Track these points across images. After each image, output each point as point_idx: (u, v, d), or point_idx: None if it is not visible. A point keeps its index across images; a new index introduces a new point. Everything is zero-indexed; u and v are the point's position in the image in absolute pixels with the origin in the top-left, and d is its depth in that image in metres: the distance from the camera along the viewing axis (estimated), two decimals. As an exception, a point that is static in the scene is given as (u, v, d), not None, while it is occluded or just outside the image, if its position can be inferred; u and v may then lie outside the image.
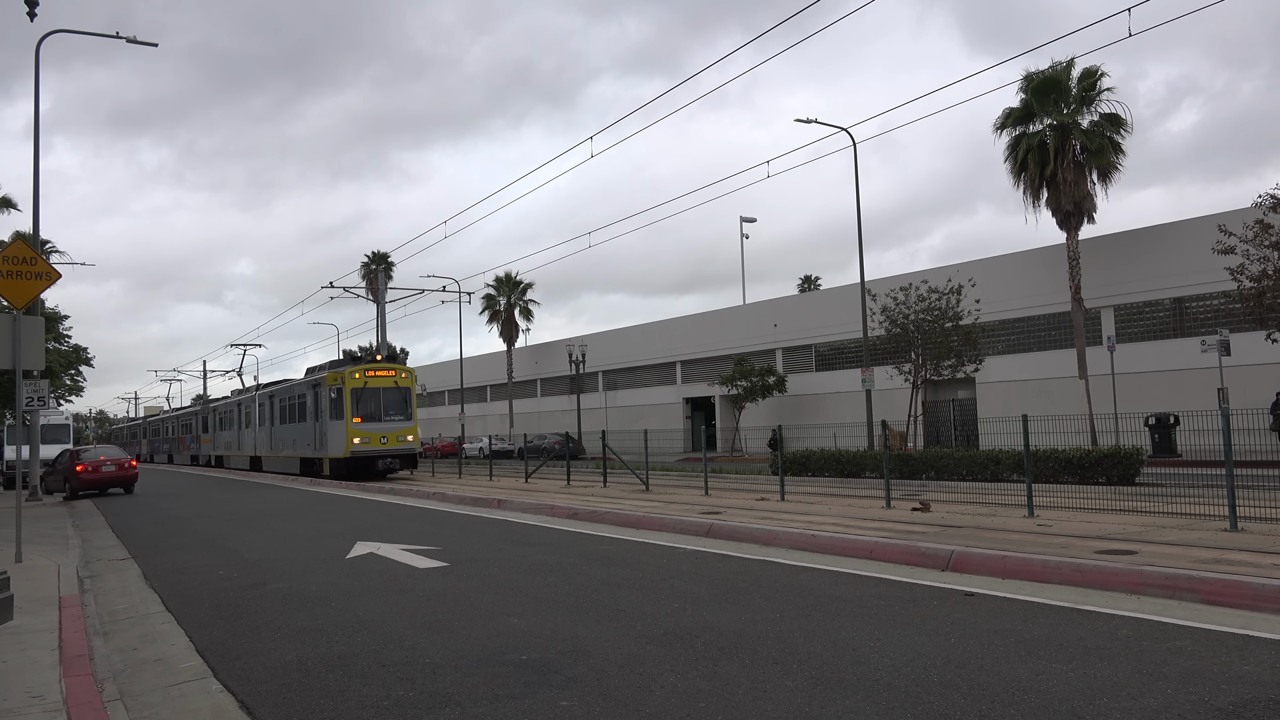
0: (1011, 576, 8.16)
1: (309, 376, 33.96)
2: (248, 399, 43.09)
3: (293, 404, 35.04)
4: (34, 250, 12.75)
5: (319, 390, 31.51)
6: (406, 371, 31.34)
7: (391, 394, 30.28)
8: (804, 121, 31.69)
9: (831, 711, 4.74)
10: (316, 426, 31.65)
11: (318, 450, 31.34)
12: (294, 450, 34.49)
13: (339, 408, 29.74)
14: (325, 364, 33.50)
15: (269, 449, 38.43)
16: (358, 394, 29.60)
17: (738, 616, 7.05)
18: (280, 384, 40.59)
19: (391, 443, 29.70)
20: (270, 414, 38.43)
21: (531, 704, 5.04)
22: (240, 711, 5.29)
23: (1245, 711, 4.52)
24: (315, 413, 31.85)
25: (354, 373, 29.78)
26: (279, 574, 10.26)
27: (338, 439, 29.79)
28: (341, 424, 29.52)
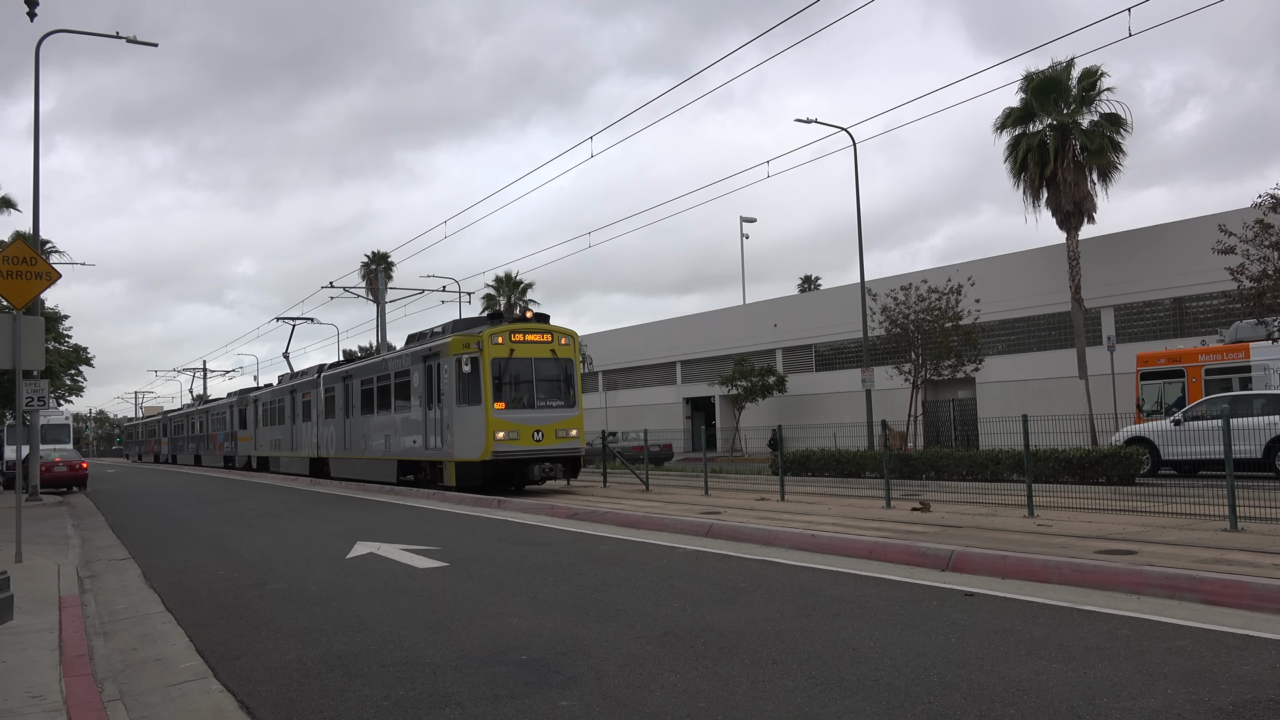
0: (1011, 576, 8.16)
1: (416, 345, 24.54)
2: (305, 384, 33.91)
3: (385, 386, 25.76)
4: (34, 250, 12.75)
5: (437, 363, 22.30)
6: (567, 336, 21.77)
7: (547, 368, 21.39)
8: (804, 121, 31.71)
9: (831, 711, 4.74)
10: (431, 416, 22.60)
11: (432, 450, 22.41)
12: (388, 450, 25.48)
13: (472, 387, 20.76)
14: (444, 325, 23.95)
15: (342, 448, 29.26)
16: (500, 367, 20.69)
17: (738, 616, 7.05)
18: (357, 361, 31.19)
19: (549, 439, 20.85)
20: (345, 402, 29.18)
21: (531, 704, 5.04)
22: (240, 711, 5.29)
23: (1245, 711, 4.52)
24: (429, 396, 22.69)
25: (494, 335, 20.77)
26: (279, 574, 10.26)
27: (470, 433, 20.72)
28: (477, 411, 20.53)
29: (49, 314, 30.26)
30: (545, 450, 20.72)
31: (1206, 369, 22.92)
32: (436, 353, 22.37)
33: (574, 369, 21.79)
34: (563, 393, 21.46)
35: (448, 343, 21.70)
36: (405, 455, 24.23)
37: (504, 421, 20.35)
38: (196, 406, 59.22)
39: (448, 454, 21.42)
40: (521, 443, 20.42)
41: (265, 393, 40.69)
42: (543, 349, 21.27)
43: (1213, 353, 23.40)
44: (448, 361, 21.46)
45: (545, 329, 21.46)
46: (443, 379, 21.74)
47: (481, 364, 20.51)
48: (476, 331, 21.15)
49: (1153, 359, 24.62)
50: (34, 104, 23.23)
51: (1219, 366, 22.83)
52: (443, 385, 21.72)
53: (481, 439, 20.33)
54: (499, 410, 20.42)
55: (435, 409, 22.23)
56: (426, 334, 24.69)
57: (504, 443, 20.22)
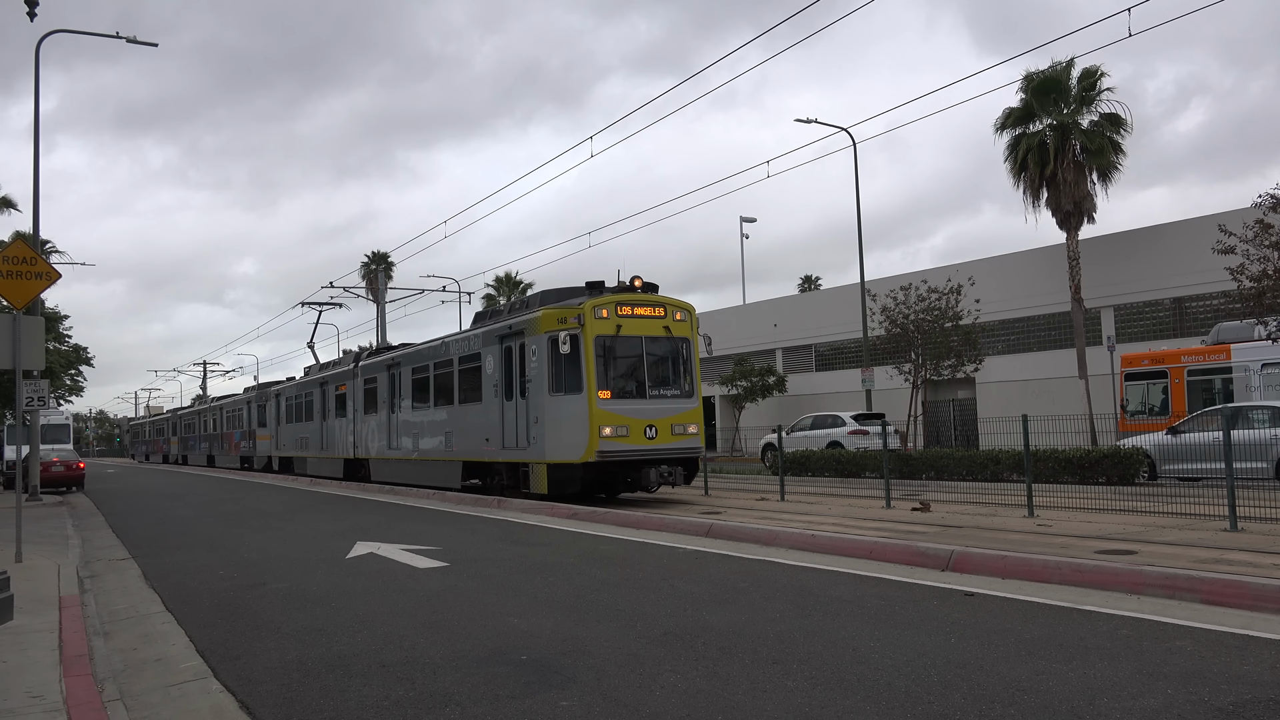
0: (1011, 576, 8.16)
1: (488, 323, 20.41)
2: (338, 375, 30.06)
3: (446, 374, 21.91)
4: (34, 250, 12.75)
5: (519, 344, 18.32)
6: (682, 310, 18.11)
7: (661, 347, 17.67)
8: (804, 121, 31.77)
9: (831, 711, 4.74)
10: (509, 409, 18.48)
11: (511, 449, 18.45)
12: (449, 450, 21.54)
13: (570, 371, 16.97)
14: (523, 298, 20.91)
15: (387, 447, 25.42)
16: (606, 346, 17.02)
17: (738, 616, 7.05)
18: (406, 347, 26.32)
19: (663, 436, 17.11)
20: (391, 394, 25.41)
21: (531, 704, 5.04)
22: (240, 711, 5.29)
23: (1245, 711, 4.52)
24: (507, 384, 18.73)
25: (598, 307, 17.09)
26: (279, 574, 10.26)
27: (568, 429, 16.90)
28: (577, 402, 16.78)
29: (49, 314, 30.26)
30: (661, 450, 17.04)
31: (1189, 370, 23.01)
32: (518, 330, 18.36)
33: (691, 350, 18.08)
34: (679, 379, 17.82)
35: (535, 318, 17.74)
36: (473, 456, 20.41)
37: (611, 414, 16.66)
38: (209, 403, 54.93)
39: (535, 454, 17.48)
40: (631, 440, 16.76)
41: (289, 386, 36.57)
42: (654, 325, 17.58)
43: (1194, 354, 23.50)
44: (536, 341, 17.59)
45: (657, 300, 17.77)
46: (528, 363, 17.87)
47: (583, 343, 16.69)
48: (575, 303, 17.30)
49: (1136, 360, 24.71)
50: (34, 104, 23.27)
51: (1201, 368, 22.92)
52: (529, 370, 17.84)
53: (582, 435, 16.58)
54: (604, 400, 16.66)
55: (516, 400, 18.32)
56: (501, 309, 21.36)
57: (611, 440, 16.59)
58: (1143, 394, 24.00)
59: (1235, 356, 22.21)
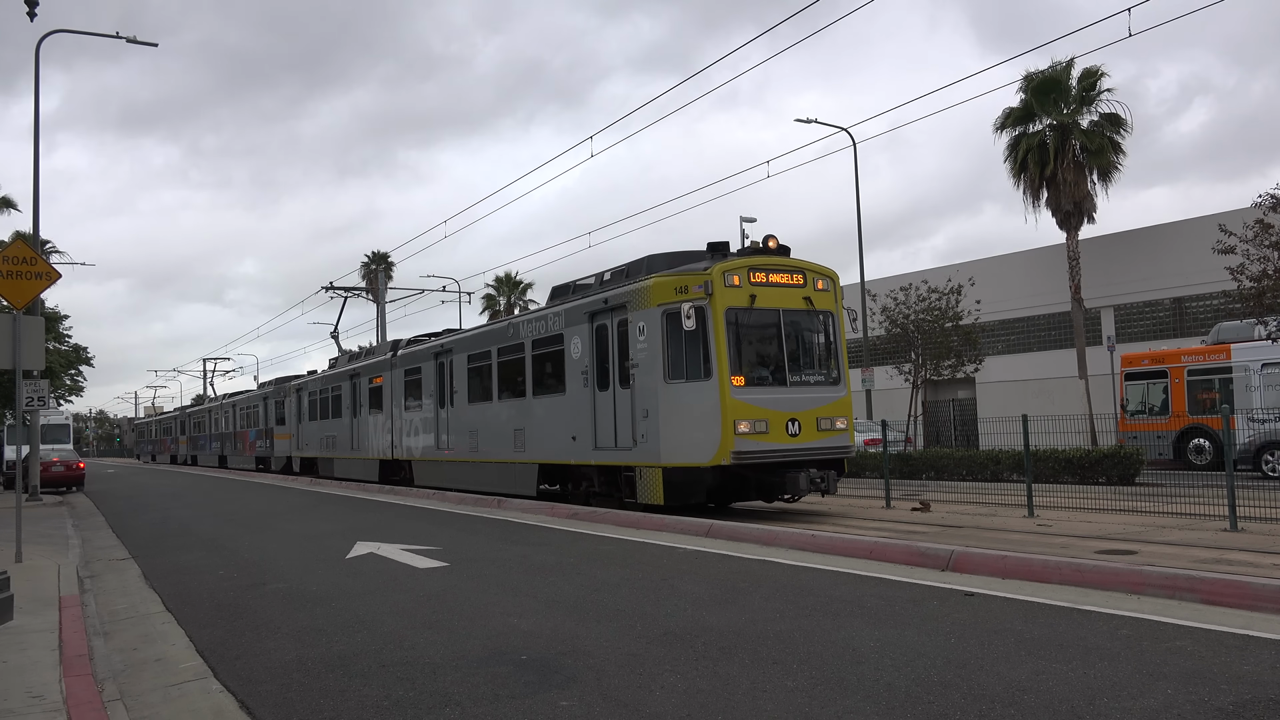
0: (1011, 576, 8.16)
1: (573, 298, 17.15)
2: (372, 366, 26.78)
3: (516, 361, 18.53)
4: (34, 250, 12.76)
5: (619, 320, 15.28)
6: (825, 278, 14.99)
7: (802, 323, 14.69)
8: (804, 121, 31.78)
9: (831, 711, 4.74)
10: (606, 402, 15.43)
11: (609, 449, 15.34)
12: (522, 450, 18.17)
13: (693, 352, 13.98)
14: (622, 269, 16.36)
15: (436, 447, 22.24)
16: (737, 321, 14.02)
17: (738, 616, 7.05)
18: (456, 333, 23.49)
19: (808, 433, 13.97)
20: (440, 386, 22.06)
21: (531, 704, 5.04)
22: (240, 711, 5.29)
23: (1245, 711, 4.52)
24: (600, 371, 15.67)
25: (728, 272, 14.04)
26: (279, 574, 10.26)
27: (692, 423, 13.88)
28: (705, 390, 13.74)
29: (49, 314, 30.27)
30: (806, 449, 13.91)
31: (1189, 370, 23.05)
32: (618, 304, 15.21)
33: (836, 326, 14.98)
34: (823, 362, 14.85)
35: (644, 288, 14.63)
36: (552, 458, 17.21)
37: (749, 405, 13.53)
38: (221, 400, 51.47)
39: (644, 456, 14.34)
40: (772, 438, 13.61)
41: (313, 380, 33.52)
42: (794, 295, 14.50)
43: (1195, 354, 23.53)
44: (644, 316, 14.51)
45: (796, 265, 14.72)
46: (633, 343, 14.74)
47: (711, 316, 13.66)
48: (699, 268, 14.19)
49: (1136, 360, 24.75)
50: (34, 104, 23.29)
51: (1201, 367, 22.96)
52: (634, 352, 14.68)
53: (712, 432, 13.47)
54: (739, 388, 13.56)
55: (613, 389, 15.21)
56: (592, 282, 17.11)
57: (749, 438, 13.43)
58: (1143, 394, 24.04)
59: (1235, 356, 22.23)
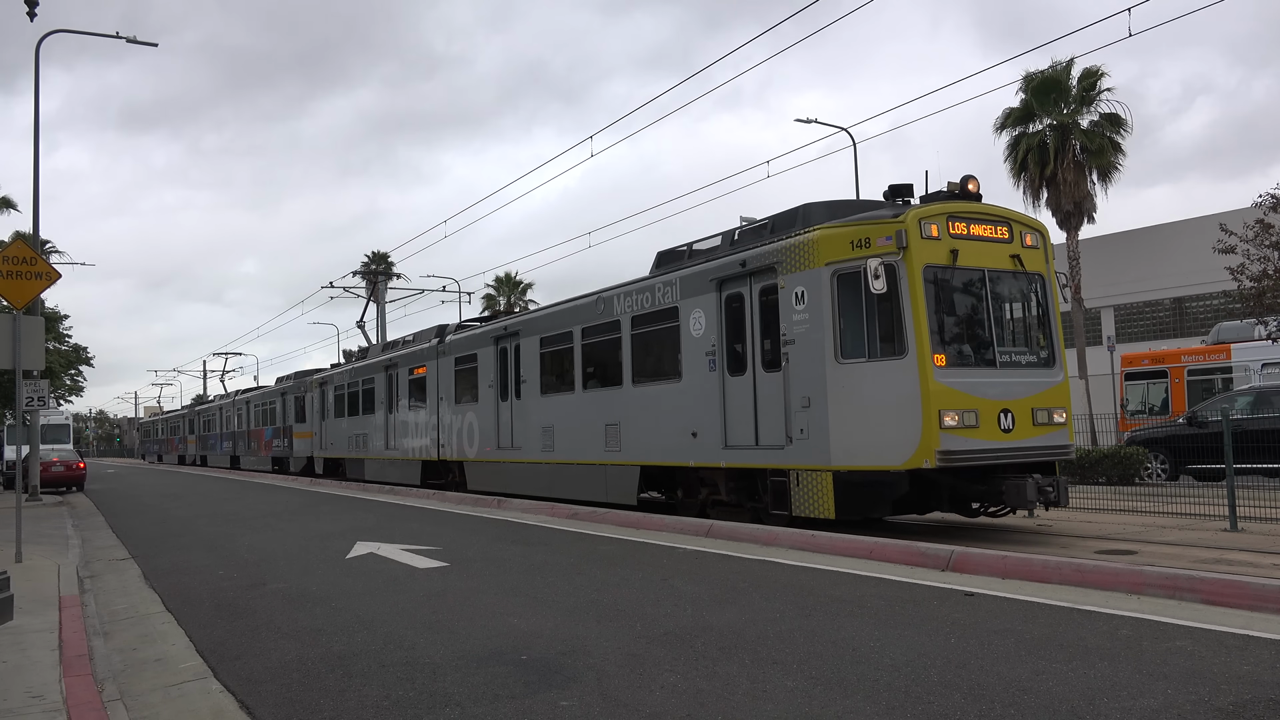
0: (1011, 576, 8.16)
1: (690, 263, 14.15)
2: (412, 355, 24.24)
3: (609, 343, 15.83)
4: (34, 250, 12.76)
5: (762, 286, 12.46)
6: (1033, 232, 12.19)
7: (1009, 288, 11.92)
8: (804, 121, 31.80)
9: (831, 711, 4.74)
10: (741, 389, 12.69)
11: (748, 448, 12.55)
12: (616, 450, 15.44)
13: (881, 323, 11.28)
14: (765, 223, 13.25)
15: (495, 444, 19.53)
16: (938, 284, 11.25)
17: (738, 616, 7.05)
18: (522, 314, 21.28)
19: (1023, 429, 11.20)
20: (502, 375, 19.38)
21: (531, 704, 5.04)
22: (240, 711, 5.29)
23: (1245, 711, 4.52)
24: (733, 351, 12.95)
25: (926, 221, 11.18)
26: (279, 574, 10.26)
27: (878, 414, 11.13)
28: (895, 373, 11.02)
29: (49, 314, 30.28)
30: (1022, 449, 11.09)
31: (1189, 370, 23.08)
32: (763, 266, 12.23)
33: (1049, 294, 12.10)
34: (1035, 337, 12.04)
35: (805, 243, 11.63)
36: (665, 459, 14.29)
37: (955, 392, 10.72)
38: (234, 397, 48.85)
39: (805, 456, 11.42)
40: (982, 434, 10.77)
41: (339, 373, 30.90)
42: (999, 253, 11.59)
43: (1195, 353, 23.55)
44: (805, 280, 11.53)
45: (1000, 214, 11.90)
46: (787, 314, 11.77)
47: (906, 276, 10.84)
48: (885, 216, 11.29)
49: (1136, 360, 24.77)
50: (34, 104, 23.30)
51: (1201, 367, 22.98)
52: (788, 325, 11.72)
53: (908, 426, 10.64)
54: (942, 370, 10.73)
55: (753, 373, 12.37)
56: (718, 242, 13.89)
57: (956, 433, 10.57)
58: (1143, 394, 24.04)
59: (1235, 356, 22.23)
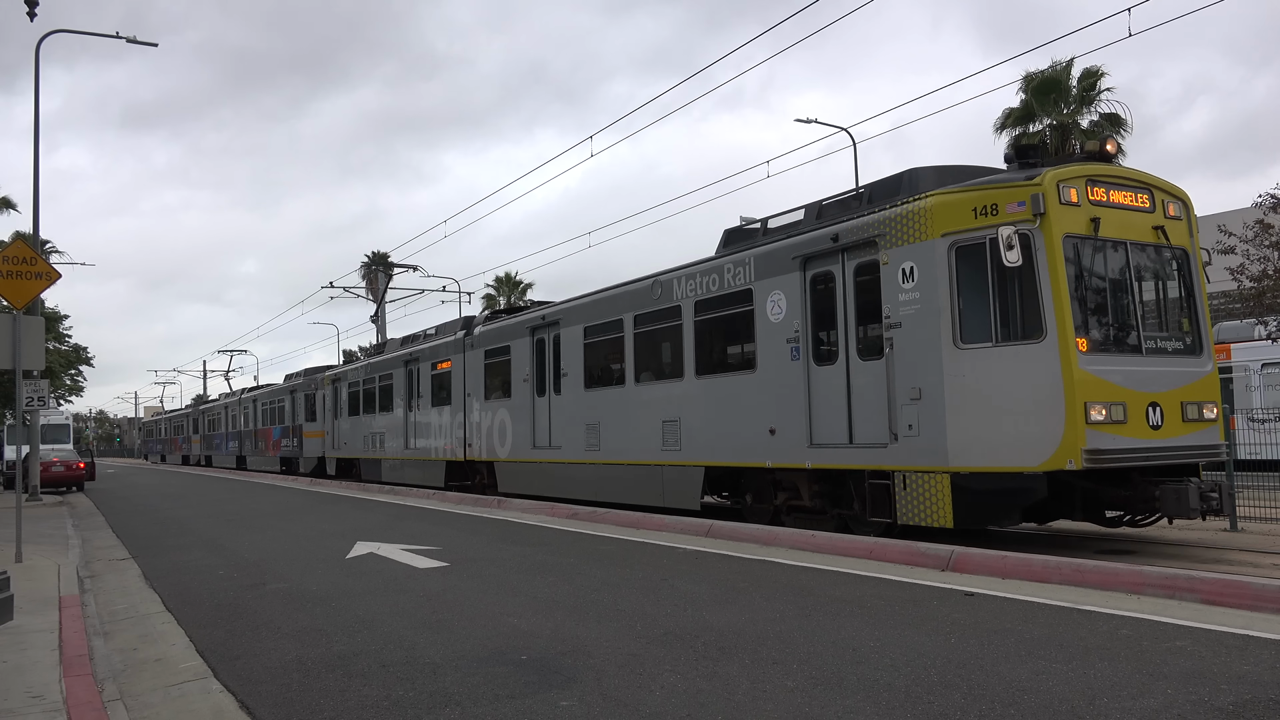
0: (1011, 576, 8.17)
1: (764, 241, 12.94)
2: (432, 350, 23.26)
3: (668, 330, 14.58)
4: (34, 250, 12.77)
5: (858, 264, 11.25)
6: (1176, 201, 10.69)
7: (1151, 262, 10.52)
8: (804, 121, 31.81)
9: (831, 711, 4.74)
10: (830, 380, 11.57)
11: (840, 446, 11.33)
12: (674, 449, 14.19)
13: (1009, 300, 9.86)
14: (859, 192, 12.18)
15: (531, 444, 18.27)
16: (1078, 257, 9.79)
17: (738, 616, 7.05)
18: (553, 305, 18.79)
19: (1173, 425, 9.73)
20: (540, 367, 18.14)
21: (531, 704, 5.04)
22: (240, 711, 5.29)
23: (1245, 711, 4.52)
24: (817, 338, 11.94)
25: (1065, 184, 9.64)
26: (279, 574, 10.26)
27: (1010, 407, 9.67)
28: (1029, 359, 9.55)
29: (49, 314, 30.27)
30: (1172, 449, 9.80)
31: None
32: (861, 240, 11.04)
33: (1194, 270, 10.71)
34: (1178, 321, 10.72)
35: (917, 211, 10.37)
36: (735, 458, 13.04)
37: (1102, 382, 9.42)
38: (240, 395, 47.66)
39: (917, 455, 10.21)
40: (1130, 430, 9.50)
41: (352, 369, 29.89)
42: (1141, 223, 10.30)
43: None
44: (915, 254, 10.32)
45: (1140, 180, 10.53)
46: (890, 294, 10.57)
47: (1045, 247, 9.50)
48: (1019, 179, 9.88)
49: None
50: (34, 104, 23.30)
51: None
52: (893, 306, 10.53)
53: (1049, 420, 9.34)
54: (1086, 357, 9.40)
55: (847, 361, 11.22)
56: (799, 216, 12.59)
57: (1103, 429, 9.28)
58: None
59: (1235, 356, 22.18)
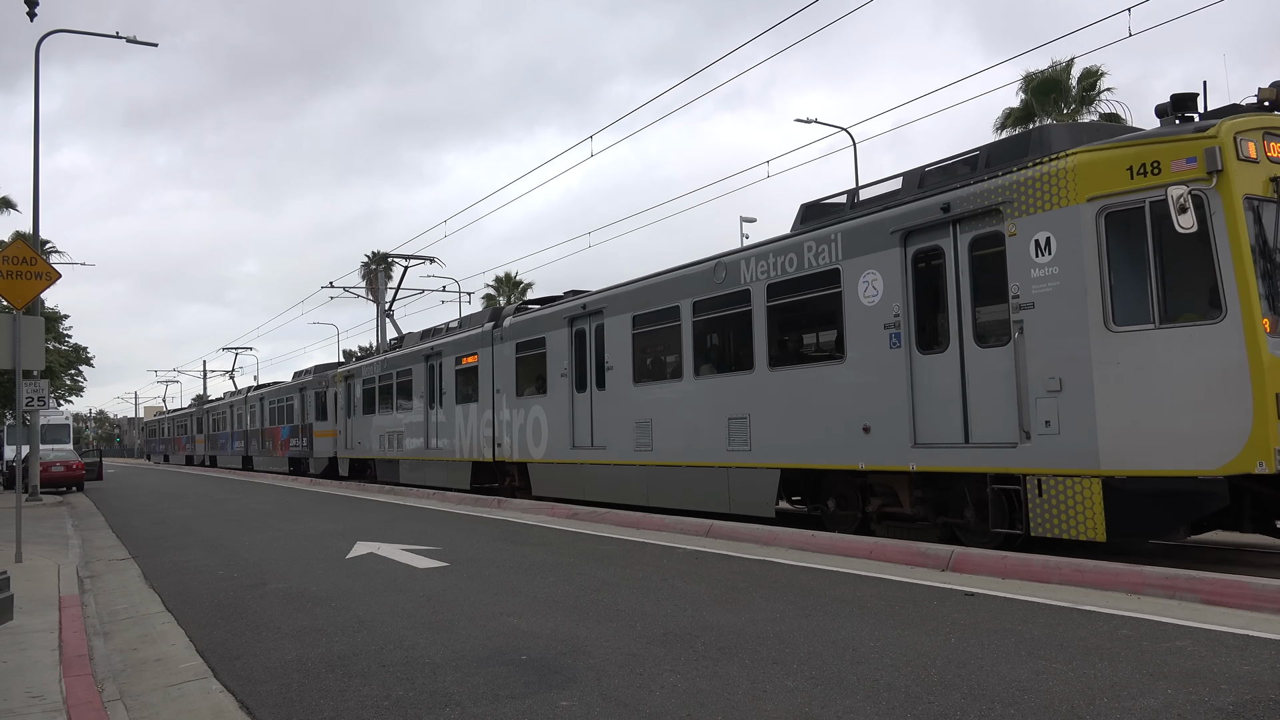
0: (1011, 576, 8.17)
1: (852, 215, 11.49)
2: (462, 343, 21.70)
3: (732, 318, 13.30)
4: (34, 250, 12.77)
5: (984, 230, 9.73)
6: None
7: None
8: (804, 121, 31.81)
9: (831, 711, 4.74)
10: (935, 370, 10.19)
11: (951, 446, 9.97)
12: (742, 448, 12.91)
13: (1174, 274, 8.52)
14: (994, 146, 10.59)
15: (570, 444, 17.02)
16: (1259, 220, 8.31)
17: (738, 616, 7.05)
18: (589, 294, 17.04)
19: None
20: (579, 361, 16.89)
21: (531, 704, 5.04)
22: (240, 711, 5.29)
23: (1245, 711, 4.52)
24: (921, 323, 10.53)
25: (1242, 136, 8.31)
26: (279, 574, 10.26)
27: (1180, 399, 8.28)
28: (1212, 341, 8.15)
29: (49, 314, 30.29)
30: None
31: None
32: (980, 209, 9.75)
33: None
34: None
35: (1055, 172, 9.16)
36: (818, 460, 11.76)
37: None
38: (246, 393, 46.19)
39: (1056, 457, 9.07)
40: None
41: (368, 365, 28.17)
42: None
43: None
44: (1050, 222, 9.13)
45: None
46: (1018, 269, 9.35)
47: (1224, 209, 8.28)
48: (1187, 132, 8.63)
49: None
50: (34, 104, 23.31)
51: None
52: (1022, 284, 9.30)
53: (1231, 415, 8.07)
54: (1275, 340, 8.18)
55: (966, 348, 9.86)
56: (897, 186, 11.25)
57: None
58: None
59: None
